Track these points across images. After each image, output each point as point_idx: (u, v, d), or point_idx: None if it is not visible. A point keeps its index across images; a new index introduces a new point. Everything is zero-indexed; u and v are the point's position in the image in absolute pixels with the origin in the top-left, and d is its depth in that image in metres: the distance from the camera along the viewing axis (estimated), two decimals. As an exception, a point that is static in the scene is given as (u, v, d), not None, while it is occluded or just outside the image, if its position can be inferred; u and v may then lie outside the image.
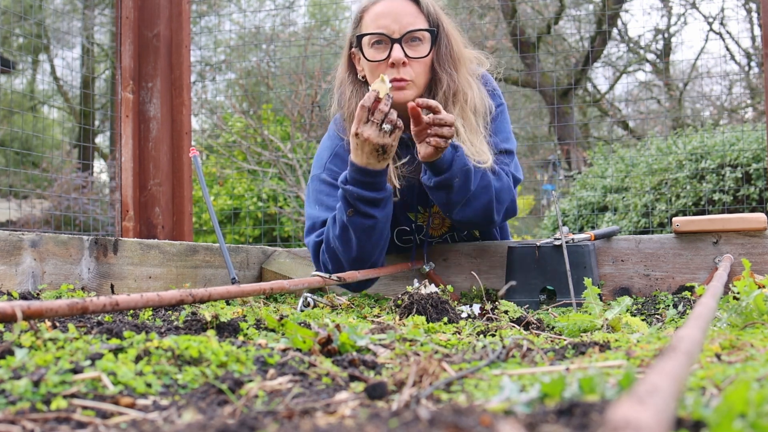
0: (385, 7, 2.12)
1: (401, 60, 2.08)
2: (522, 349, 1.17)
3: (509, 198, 2.21)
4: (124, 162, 3.46)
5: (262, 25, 10.17)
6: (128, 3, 3.50)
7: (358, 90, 2.21)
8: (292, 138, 7.48)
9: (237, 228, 8.23)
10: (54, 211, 8.58)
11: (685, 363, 0.67)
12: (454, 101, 2.14)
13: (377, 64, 2.11)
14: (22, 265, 1.87)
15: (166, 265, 2.24)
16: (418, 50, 2.11)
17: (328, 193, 2.23)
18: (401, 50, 2.08)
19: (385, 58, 2.09)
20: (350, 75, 2.24)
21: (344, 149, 2.25)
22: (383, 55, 2.10)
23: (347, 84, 2.24)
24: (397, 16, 2.10)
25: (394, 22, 2.09)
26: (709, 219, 2.21)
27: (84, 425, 0.80)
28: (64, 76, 14.57)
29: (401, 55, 2.08)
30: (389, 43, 2.09)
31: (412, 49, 2.10)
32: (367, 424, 0.65)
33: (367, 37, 2.12)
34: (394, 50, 2.08)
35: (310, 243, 2.23)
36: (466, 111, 2.14)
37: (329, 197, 2.21)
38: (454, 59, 2.16)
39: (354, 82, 2.23)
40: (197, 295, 1.30)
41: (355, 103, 2.14)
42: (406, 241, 2.36)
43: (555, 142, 11.11)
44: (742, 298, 1.43)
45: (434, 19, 2.15)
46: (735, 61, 13.89)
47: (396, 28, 2.09)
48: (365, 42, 2.13)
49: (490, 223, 2.20)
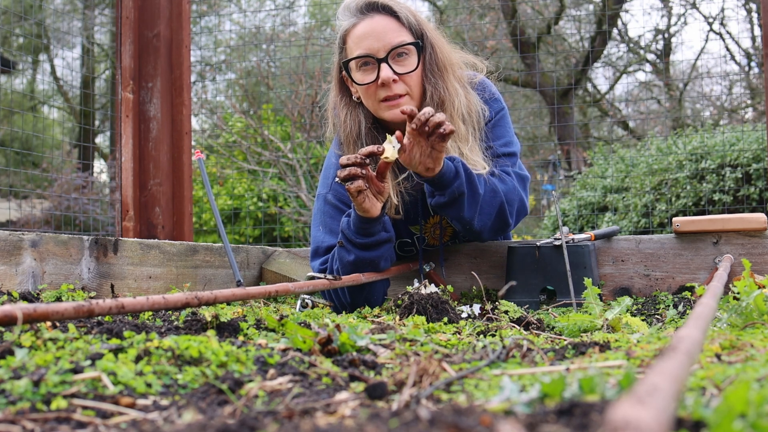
0: (365, 27, 2.09)
1: (390, 78, 2.05)
2: (522, 349, 1.17)
3: (517, 198, 2.18)
4: (124, 162, 3.46)
5: (262, 25, 10.17)
6: (128, 3, 3.50)
7: (353, 111, 2.19)
8: (292, 138, 7.48)
9: (237, 228, 8.23)
10: (54, 211, 8.58)
11: (685, 363, 0.67)
12: (441, 109, 2.11)
13: (368, 87, 2.09)
14: (22, 265, 1.87)
15: (166, 265, 2.24)
16: (406, 64, 2.09)
17: (332, 216, 2.22)
18: (389, 68, 2.05)
19: (375, 79, 2.07)
20: (344, 98, 2.22)
21: None
22: (372, 77, 2.08)
23: (341, 107, 2.21)
24: (379, 35, 2.06)
25: (376, 41, 2.06)
26: (709, 219, 2.21)
27: (84, 425, 0.80)
28: (64, 76, 14.58)
29: (390, 73, 2.05)
30: (376, 63, 2.07)
31: (399, 64, 2.08)
32: (367, 424, 0.65)
33: (354, 62, 2.10)
34: (383, 70, 2.05)
35: (314, 269, 2.24)
36: (454, 119, 2.12)
37: (333, 221, 2.21)
38: (440, 67, 2.13)
39: (348, 105, 2.20)
40: (203, 297, 1.30)
41: (350, 126, 2.14)
42: (408, 251, 2.36)
43: (555, 142, 11.11)
44: (742, 298, 1.43)
45: (416, 30, 2.12)
46: (735, 61, 13.89)
47: (380, 46, 2.06)
48: (353, 66, 2.12)
49: (507, 226, 2.18)
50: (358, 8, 2.11)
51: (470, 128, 2.16)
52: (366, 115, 2.17)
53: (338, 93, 2.22)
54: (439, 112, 2.08)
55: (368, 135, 2.16)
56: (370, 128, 2.17)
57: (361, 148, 2.09)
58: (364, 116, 2.17)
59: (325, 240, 2.20)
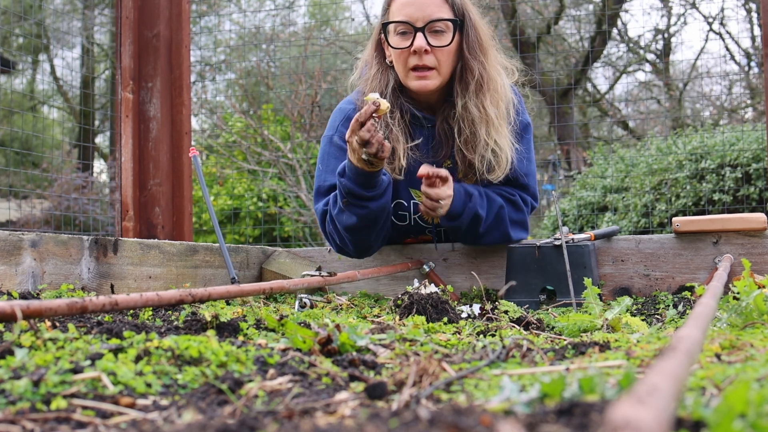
0: None
1: (423, 48, 2.15)
2: (522, 349, 1.17)
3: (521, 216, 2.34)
4: (124, 162, 3.46)
5: (262, 25, 10.17)
6: (128, 3, 3.50)
7: (384, 71, 2.29)
8: (292, 138, 7.48)
9: (237, 228, 8.23)
10: (54, 211, 8.57)
11: (685, 363, 0.67)
12: (488, 86, 2.21)
13: (401, 51, 2.19)
14: (22, 265, 1.87)
15: (166, 265, 2.24)
16: (441, 39, 2.18)
17: (336, 156, 2.30)
18: (424, 38, 2.15)
19: (408, 46, 2.17)
20: (377, 57, 2.32)
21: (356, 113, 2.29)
22: (407, 43, 2.18)
23: (374, 64, 2.32)
24: (421, 6, 2.16)
25: (418, 11, 2.16)
26: (709, 219, 2.21)
27: (84, 425, 0.80)
28: (64, 76, 14.57)
29: (423, 43, 2.15)
30: (413, 31, 2.16)
31: (435, 38, 2.17)
32: (367, 424, 0.65)
33: (392, 25, 2.21)
34: (417, 38, 2.15)
35: (318, 210, 2.33)
36: (496, 99, 2.22)
37: (337, 161, 2.28)
38: (482, 48, 2.22)
39: (380, 64, 2.30)
40: (197, 294, 1.30)
41: (378, 84, 2.26)
42: (401, 218, 2.38)
43: (555, 142, 11.10)
44: (742, 298, 1.43)
45: (459, 9, 2.21)
46: (735, 61, 13.89)
47: (420, 16, 2.16)
48: (391, 29, 2.21)
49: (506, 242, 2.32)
50: None
51: (504, 112, 2.26)
52: (394, 79, 2.27)
53: (373, 51, 2.33)
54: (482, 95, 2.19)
55: (392, 95, 2.26)
56: (395, 88, 2.27)
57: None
58: (392, 78, 2.27)
59: (327, 179, 2.30)
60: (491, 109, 2.18)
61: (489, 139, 2.18)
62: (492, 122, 2.18)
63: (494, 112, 2.19)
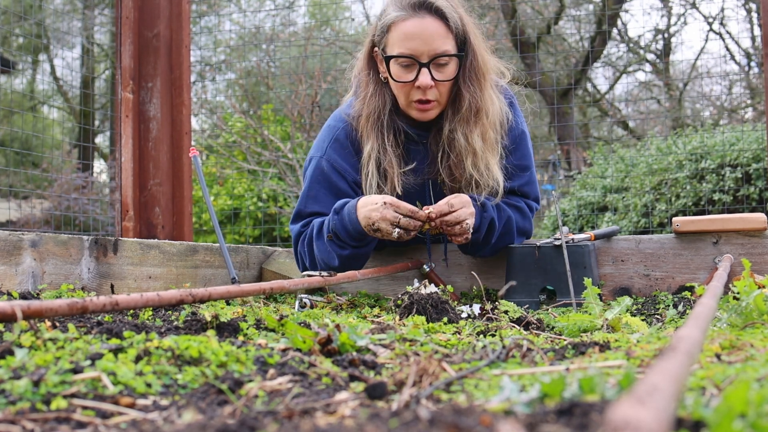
0: (414, 26, 2.09)
1: (428, 85, 2.10)
2: (522, 349, 1.17)
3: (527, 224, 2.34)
4: (124, 162, 3.46)
5: (262, 25, 10.17)
6: (128, 3, 3.50)
7: (379, 89, 2.22)
8: (292, 138, 7.48)
9: (237, 228, 8.23)
10: (54, 211, 8.57)
11: (685, 363, 0.67)
12: (477, 118, 2.16)
13: (403, 84, 2.14)
14: (22, 265, 1.87)
15: (166, 265, 2.24)
16: (444, 72, 2.12)
17: (321, 184, 2.27)
18: (428, 75, 2.09)
19: (412, 80, 2.11)
20: (370, 72, 2.24)
21: (345, 132, 2.28)
22: (410, 77, 2.12)
23: (367, 81, 2.24)
24: (426, 39, 2.08)
25: (423, 45, 2.08)
26: (709, 219, 2.21)
27: (84, 425, 0.80)
28: (64, 76, 14.57)
29: (428, 80, 2.09)
30: (417, 65, 2.10)
31: (438, 71, 2.11)
32: (367, 424, 0.65)
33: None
34: (422, 75, 2.09)
35: (293, 231, 2.31)
36: (486, 128, 2.18)
37: (322, 190, 2.26)
38: (478, 76, 2.17)
39: (375, 81, 2.23)
40: (197, 294, 1.30)
41: (375, 103, 2.19)
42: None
43: (555, 142, 11.10)
44: (742, 298, 1.43)
45: (461, 36, 2.14)
46: (735, 61, 13.88)
47: (425, 50, 2.08)
48: (393, 60, 2.14)
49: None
50: (410, 3, 2.12)
51: (498, 137, 2.23)
52: (391, 97, 2.22)
53: (366, 66, 2.25)
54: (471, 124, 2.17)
55: (389, 116, 2.21)
56: (391, 110, 2.22)
57: (380, 127, 2.19)
58: (388, 99, 2.22)
59: (309, 206, 2.28)
60: (477, 142, 2.15)
61: (474, 170, 2.17)
62: (477, 154, 2.16)
63: (480, 146, 2.16)
